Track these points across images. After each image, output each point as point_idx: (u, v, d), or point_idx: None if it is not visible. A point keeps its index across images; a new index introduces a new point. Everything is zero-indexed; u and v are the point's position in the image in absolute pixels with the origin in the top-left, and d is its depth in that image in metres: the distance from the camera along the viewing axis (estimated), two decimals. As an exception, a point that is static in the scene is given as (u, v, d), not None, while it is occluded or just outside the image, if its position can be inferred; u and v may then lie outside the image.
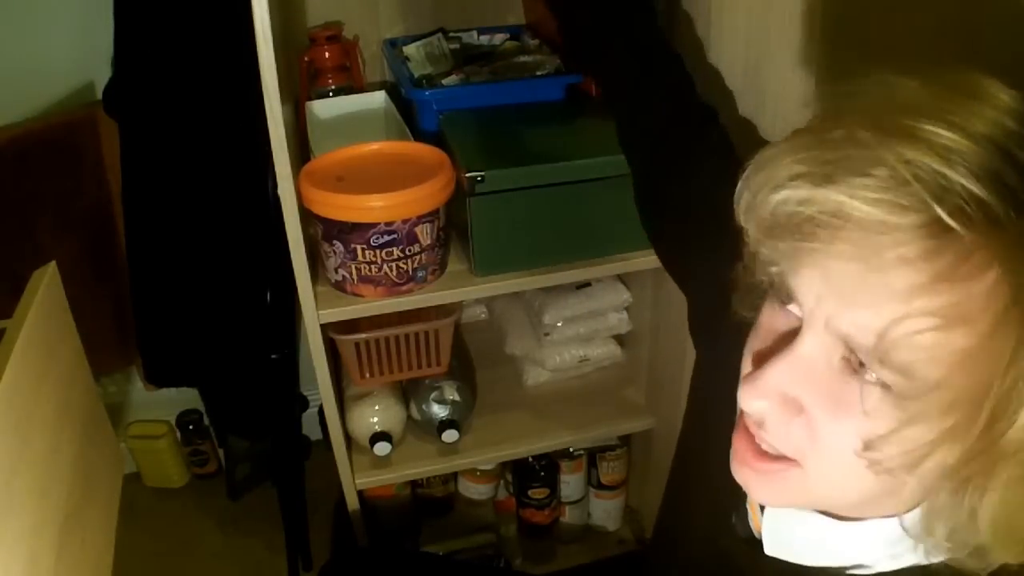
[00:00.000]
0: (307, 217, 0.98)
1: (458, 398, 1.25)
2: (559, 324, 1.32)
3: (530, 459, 1.41)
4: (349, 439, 1.23)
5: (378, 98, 1.22)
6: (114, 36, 1.21)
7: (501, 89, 1.15)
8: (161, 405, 1.67)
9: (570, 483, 1.47)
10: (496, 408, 1.33)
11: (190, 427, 1.69)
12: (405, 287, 1.01)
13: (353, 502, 1.23)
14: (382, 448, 1.20)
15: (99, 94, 1.31)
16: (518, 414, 1.33)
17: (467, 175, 0.97)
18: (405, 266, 0.99)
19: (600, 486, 1.48)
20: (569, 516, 1.51)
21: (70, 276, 0.88)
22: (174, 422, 1.71)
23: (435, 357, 1.20)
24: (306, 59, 1.23)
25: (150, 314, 1.36)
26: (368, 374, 1.19)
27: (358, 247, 0.96)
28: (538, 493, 1.45)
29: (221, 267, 1.32)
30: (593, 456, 1.46)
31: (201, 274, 1.32)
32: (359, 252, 0.97)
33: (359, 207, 0.94)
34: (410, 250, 0.98)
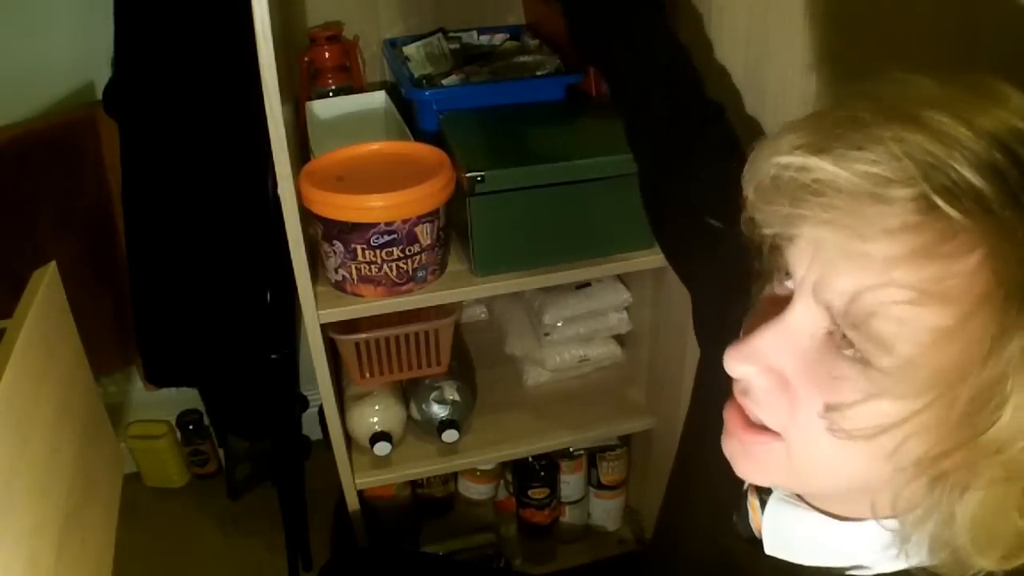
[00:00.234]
0: (307, 217, 0.98)
1: (458, 398, 1.25)
2: (559, 324, 1.32)
3: (530, 459, 1.41)
4: (349, 439, 1.23)
5: (378, 98, 1.22)
6: (114, 36, 1.21)
7: (501, 89, 1.15)
8: (161, 405, 1.67)
9: (570, 483, 1.47)
10: (496, 408, 1.33)
11: (190, 427, 1.70)
12: (405, 287, 1.02)
13: (353, 502, 1.23)
14: (382, 448, 1.20)
15: (99, 94, 1.31)
16: (518, 414, 1.33)
17: (467, 175, 0.97)
18: (405, 266, 0.99)
19: (600, 486, 1.48)
20: (569, 516, 1.51)
21: (70, 276, 0.88)
22: (174, 422, 1.71)
23: (435, 357, 1.20)
24: (306, 59, 1.24)
25: (150, 314, 1.36)
26: (368, 374, 1.19)
27: (358, 247, 0.96)
28: (538, 493, 1.45)
29: (221, 267, 1.32)
30: (593, 456, 1.46)
31: (201, 274, 1.32)
32: (359, 252, 0.97)
33: (359, 207, 0.94)
34: (410, 250, 0.98)
